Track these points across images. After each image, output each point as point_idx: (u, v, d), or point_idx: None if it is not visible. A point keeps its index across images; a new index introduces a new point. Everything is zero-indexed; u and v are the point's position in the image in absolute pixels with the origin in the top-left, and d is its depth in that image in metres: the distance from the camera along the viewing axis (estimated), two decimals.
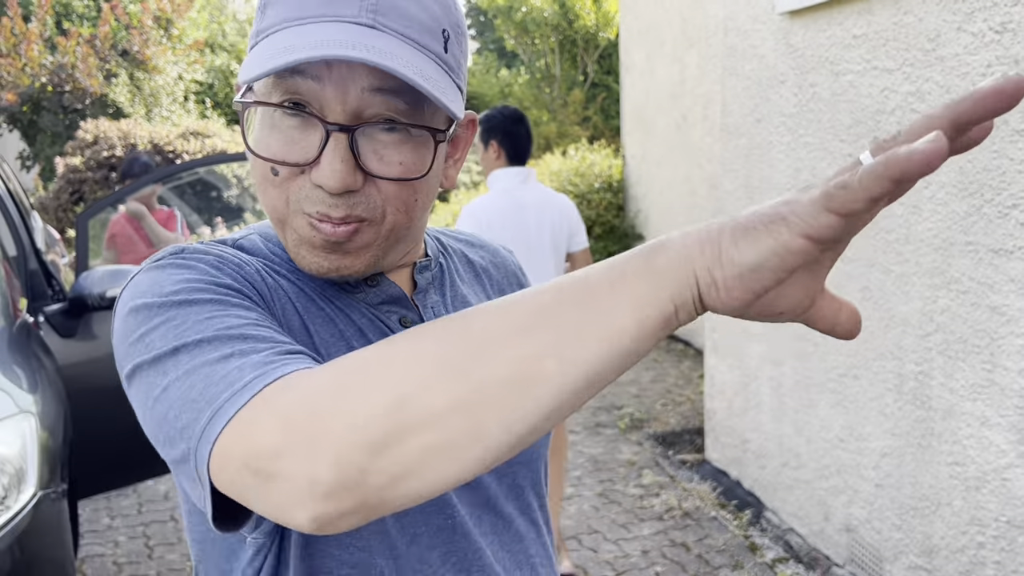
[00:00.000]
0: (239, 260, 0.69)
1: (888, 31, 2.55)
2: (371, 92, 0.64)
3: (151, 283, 0.64)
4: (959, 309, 2.35)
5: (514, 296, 0.51)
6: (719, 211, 3.72)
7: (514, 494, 0.82)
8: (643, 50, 6.86)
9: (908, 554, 2.63)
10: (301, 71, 0.64)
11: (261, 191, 0.69)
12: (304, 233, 0.68)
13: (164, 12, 10.19)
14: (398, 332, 0.73)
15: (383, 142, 0.66)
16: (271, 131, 0.66)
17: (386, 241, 0.70)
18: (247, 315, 0.61)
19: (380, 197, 0.67)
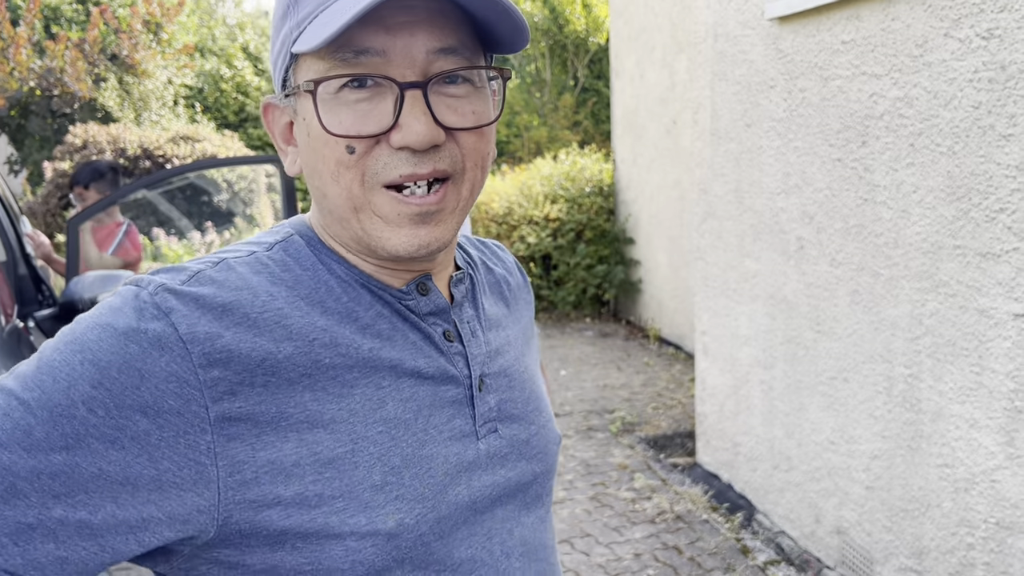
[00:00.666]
0: (215, 318, 0.64)
1: (876, 37, 2.57)
2: (434, 53, 0.66)
3: (87, 323, 0.63)
4: (947, 312, 2.37)
5: None
6: (709, 215, 3.73)
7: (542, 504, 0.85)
8: (633, 55, 6.89)
9: (898, 556, 2.65)
10: (364, 49, 0.65)
11: (333, 181, 0.68)
12: (388, 211, 0.68)
13: (153, 16, 10.16)
14: (443, 346, 0.75)
15: (453, 95, 0.68)
16: (338, 110, 0.66)
17: (464, 207, 0.71)
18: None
19: (460, 151, 0.69)
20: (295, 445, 0.65)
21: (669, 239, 6.32)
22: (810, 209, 2.98)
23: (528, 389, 0.85)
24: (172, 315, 0.63)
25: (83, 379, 0.60)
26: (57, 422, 0.59)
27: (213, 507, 0.63)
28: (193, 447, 0.62)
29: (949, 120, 2.31)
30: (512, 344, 0.86)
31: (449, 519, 0.72)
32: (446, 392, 0.75)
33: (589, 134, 12.31)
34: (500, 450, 0.78)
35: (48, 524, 0.59)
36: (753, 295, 3.40)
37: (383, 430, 0.69)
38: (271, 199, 7.58)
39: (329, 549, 0.65)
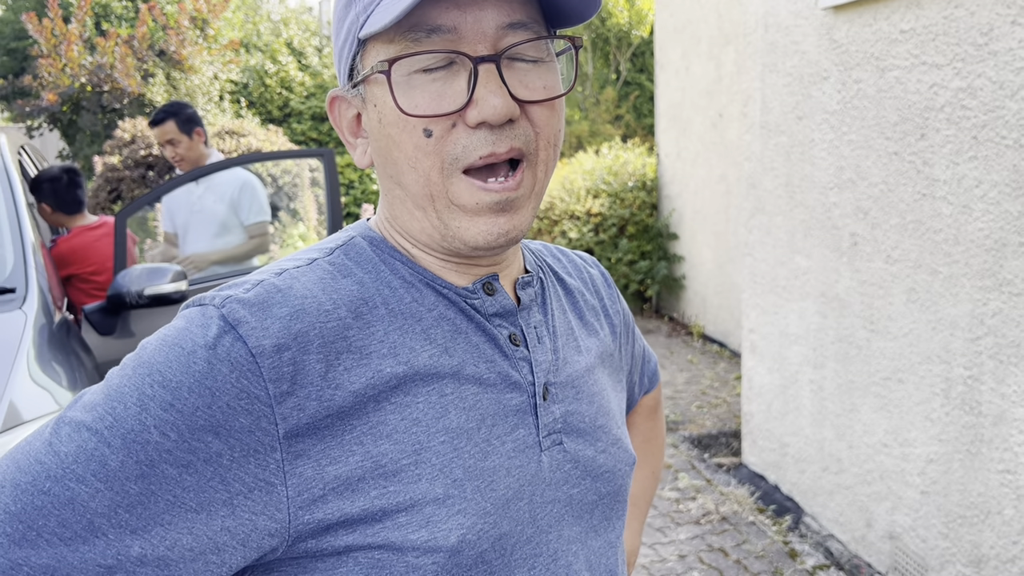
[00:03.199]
0: (282, 330, 0.63)
1: (937, 25, 2.48)
2: (505, 28, 0.66)
3: (147, 360, 0.61)
4: (1012, 312, 2.28)
5: None
6: (758, 210, 3.65)
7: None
8: (678, 47, 6.79)
9: (955, 563, 2.56)
10: (436, 27, 0.64)
11: (410, 167, 0.67)
12: (467, 200, 0.66)
13: (200, 12, 10.29)
14: (508, 350, 0.72)
15: (523, 69, 0.67)
16: (412, 92, 0.65)
17: (540, 191, 0.70)
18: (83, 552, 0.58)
19: (532, 129, 0.67)
20: (360, 459, 0.63)
21: (714, 235, 6.22)
22: (864, 204, 2.89)
23: (597, 404, 0.81)
24: (240, 327, 0.61)
25: (154, 402, 0.59)
26: (131, 449, 0.58)
27: (283, 529, 0.62)
28: (263, 467, 0.61)
29: (1015, 112, 2.22)
30: (583, 357, 0.82)
31: (511, 536, 0.69)
32: (509, 400, 0.72)
33: (631, 128, 12.20)
34: (564, 465, 0.75)
35: (127, 565, 0.58)
36: (803, 293, 3.32)
37: (445, 440, 0.67)
38: (315, 193, 7.63)
39: (390, 565, 0.63)
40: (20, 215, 2.57)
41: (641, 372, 1.04)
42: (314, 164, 7.04)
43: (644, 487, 1.12)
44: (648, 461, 1.12)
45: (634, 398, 1.04)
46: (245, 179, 3.53)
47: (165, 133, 3.51)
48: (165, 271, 2.63)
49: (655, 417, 1.12)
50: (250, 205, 3.53)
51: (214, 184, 3.48)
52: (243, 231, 3.53)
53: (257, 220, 3.54)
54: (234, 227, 3.51)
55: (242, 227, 3.52)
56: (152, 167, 7.52)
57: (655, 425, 1.13)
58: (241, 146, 7.71)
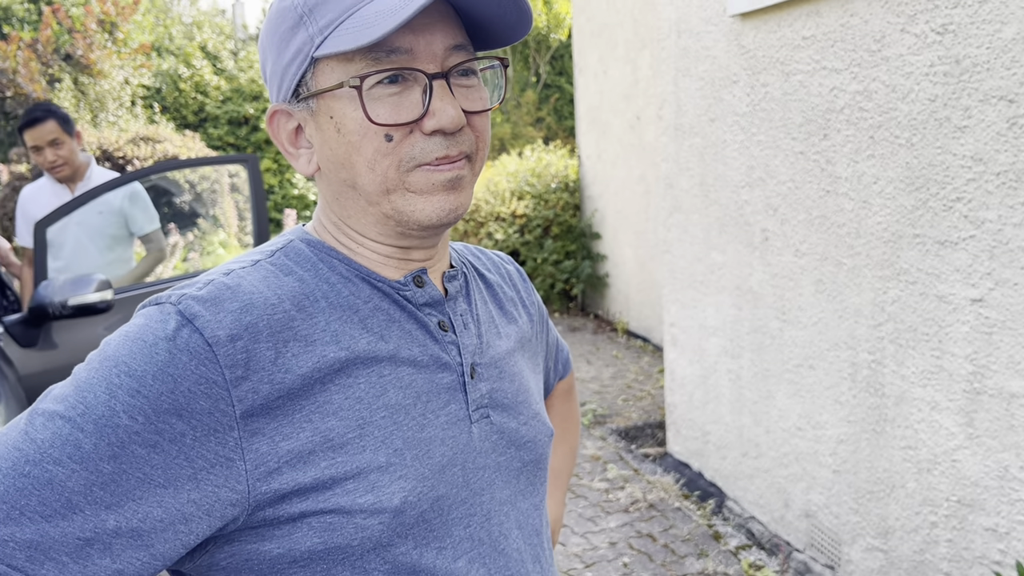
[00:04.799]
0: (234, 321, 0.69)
1: (836, 32, 2.65)
2: (450, 49, 0.76)
3: (112, 355, 0.67)
4: (908, 299, 2.45)
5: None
6: (675, 209, 3.80)
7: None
8: (596, 51, 6.95)
9: (865, 536, 2.73)
10: (394, 48, 0.73)
11: (368, 169, 0.75)
12: (423, 184, 0.75)
13: (108, 15, 9.99)
14: (437, 335, 0.81)
15: (466, 85, 0.78)
16: (374, 104, 0.73)
17: (475, 180, 0.79)
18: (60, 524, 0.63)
19: (473, 134, 0.77)
20: (310, 434, 0.70)
21: (635, 233, 6.39)
22: (774, 201, 3.05)
23: (518, 383, 0.90)
24: (196, 321, 0.68)
25: (121, 389, 0.65)
26: (103, 433, 0.64)
27: (243, 499, 0.68)
28: (223, 444, 0.67)
29: (907, 113, 2.39)
30: (504, 341, 0.91)
31: (448, 498, 0.77)
32: (441, 379, 0.80)
33: (552, 130, 12.37)
34: (491, 435, 0.84)
35: (103, 537, 0.63)
36: (720, 286, 3.47)
37: (386, 415, 0.75)
38: (235, 200, 7.52)
39: (341, 527, 0.71)
40: None
41: (555, 360, 1.15)
42: (234, 170, 6.94)
43: (564, 462, 1.24)
44: (566, 439, 1.24)
45: (550, 383, 1.16)
46: (131, 187, 3.36)
47: (47, 133, 3.18)
48: (89, 281, 2.59)
49: (570, 400, 1.25)
50: (143, 214, 3.38)
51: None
52: (132, 242, 3.38)
53: (152, 229, 3.41)
54: (124, 239, 3.36)
55: (132, 239, 3.37)
56: None
57: (570, 407, 1.25)
58: (157, 152, 7.53)
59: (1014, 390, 2.13)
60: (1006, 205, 2.10)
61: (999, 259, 2.13)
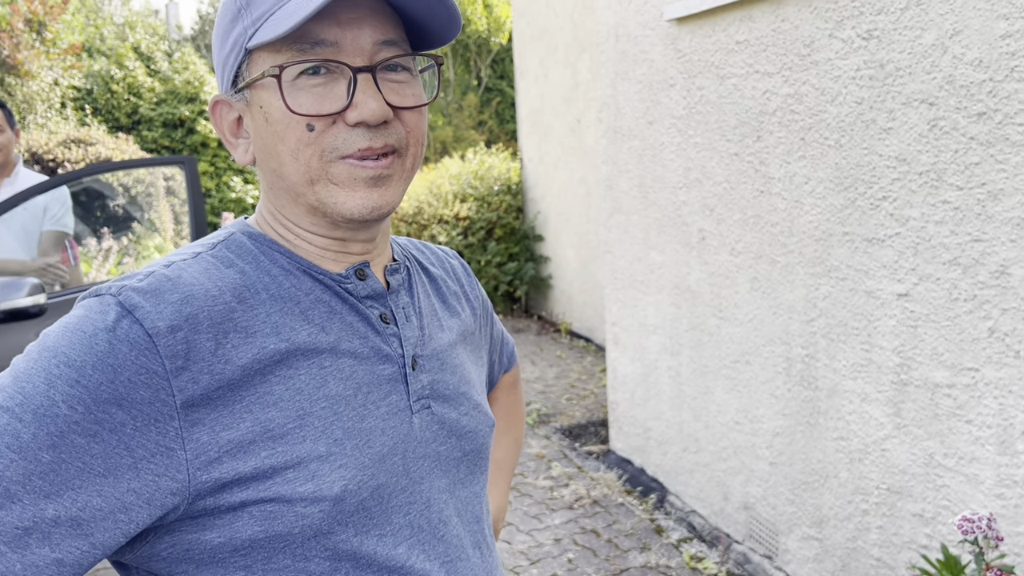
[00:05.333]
0: (174, 311, 0.70)
1: (768, 37, 2.73)
2: (379, 44, 0.76)
3: (51, 344, 0.67)
4: (839, 295, 2.54)
5: None
6: (615, 210, 3.86)
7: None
8: (536, 55, 7.01)
9: (801, 526, 2.82)
10: (319, 40, 0.73)
11: (292, 158, 0.75)
12: (345, 178, 0.76)
13: (36, 15, 9.71)
14: (379, 327, 0.82)
15: (396, 81, 0.78)
16: (297, 94, 0.74)
17: (407, 177, 0.80)
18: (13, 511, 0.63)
19: (404, 128, 0.77)
20: (250, 425, 0.71)
21: (577, 235, 6.46)
22: (710, 202, 3.13)
23: (459, 375, 0.92)
24: (136, 312, 0.68)
25: (61, 379, 0.65)
26: (42, 422, 0.63)
27: (183, 488, 0.69)
28: (163, 434, 0.67)
29: (835, 115, 2.48)
30: (446, 334, 0.93)
31: (387, 486, 0.79)
32: (383, 370, 0.81)
33: (494, 133, 12.41)
34: (432, 425, 0.85)
35: (42, 527, 0.63)
36: (659, 285, 3.54)
37: (326, 405, 0.76)
38: (170, 203, 7.36)
39: (281, 515, 0.72)
40: None
41: (500, 353, 1.18)
42: (169, 172, 6.80)
43: (508, 453, 1.26)
44: (511, 431, 1.27)
45: (495, 376, 1.18)
46: (60, 188, 3.29)
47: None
48: (21, 284, 2.52)
49: (515, 392, 1.27)
50: (57, 211, 3.31)
51: (19, 188, 3.21)
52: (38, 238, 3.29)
53: (55, 228, 3.31)
54: (34, 234, 3.30)
55: (39, 234, 3.29)
56: None
57: (515, 399, 1.28)
58: (89, 155, 7.34)
59: (937, 380, 2.22)
60: (928, 203, 2.19)
61: (923, 255, 2.23)
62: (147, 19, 14.11)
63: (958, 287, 2.13)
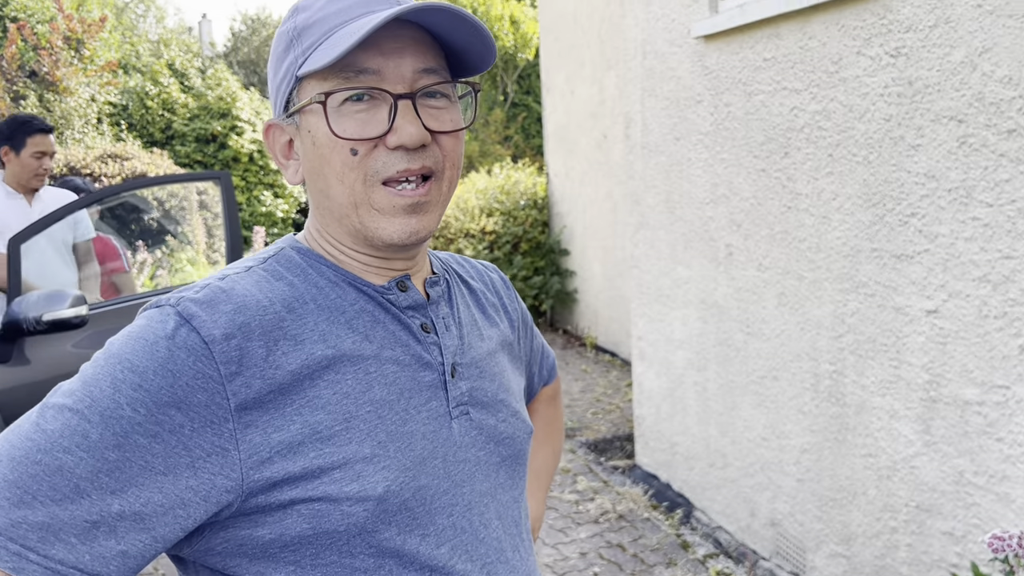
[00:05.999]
0: (228, 320, 0.74)
1: (795, 54, 2.75)
2: (420, 72, 0.81)
3: (116, 351, 0.73)
4: (867, 311, 2.54)
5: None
6: (642, 225, 3.88)
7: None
8: (563, 71, 7.06)
9: (828, 543, 2.81)
10: (363, 68, 0.78)
11: (338, 181, 0.80)
12: (385, 204, 0.80)
13: (74, 33, 9.94)
14: (420, 336, 0.86)
15: (435, 107, 0.82)
16: (342, 120, 0.79)
17: (445, 200, 0.84)
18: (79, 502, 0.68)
19: (441, 153, 0.82)
20: (299, 427, 0.76)
21: (603, 249, 6.48)
22: (737, 217, 3.14)
23: (498, 383, 0.95)
24: (193, 321, 0.73)
25: (125, 384, 0.70)
26: (108, 423, 0.69)
27: (237, 486, 0.73)
28: (219, 435, 0.72)
29: (863, 132, 2.49)
30: (485, 343, 0.96)
31: (429, 488, 0.82)
32: (423, 377, 0.85)
33: (520, 148, 12.48)
34: (470, 431, 0.89)
35: (109, 521, 0.68)
36: (686, 300, 3.55)
37: (371, 409, 0.80)
38: (203, 217, 7.49)
39: (328, 514, 0.76)
40: None
41: (540, 365, 1.21)
42: (203, 187, 6.92)
43: (546, 463, 1.29)
44: (549, 441, 1.29)
45: (534, 387, 1.21)
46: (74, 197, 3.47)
47: (51, 144, 3.38)
48: (64, 296, 2.59)
49: (555, 404, 1.30)
50: (85, 221, 3.47)
51: (48, 205, 3.38)
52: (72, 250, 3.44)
53: (88, 237, 3.48)
54: (68, 244, 3.43)
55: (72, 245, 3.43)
56: None
57: (555, 411, 1.30)
58: (125, 170, 7.49)
59: (967, 398, 2.21)
60: (957, 220, 2.19)
61: (952, 272, 2.23)
62: (181, 36, 14.39)
63: (988, 304, 2.13)
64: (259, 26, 22.37)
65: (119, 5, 18.96)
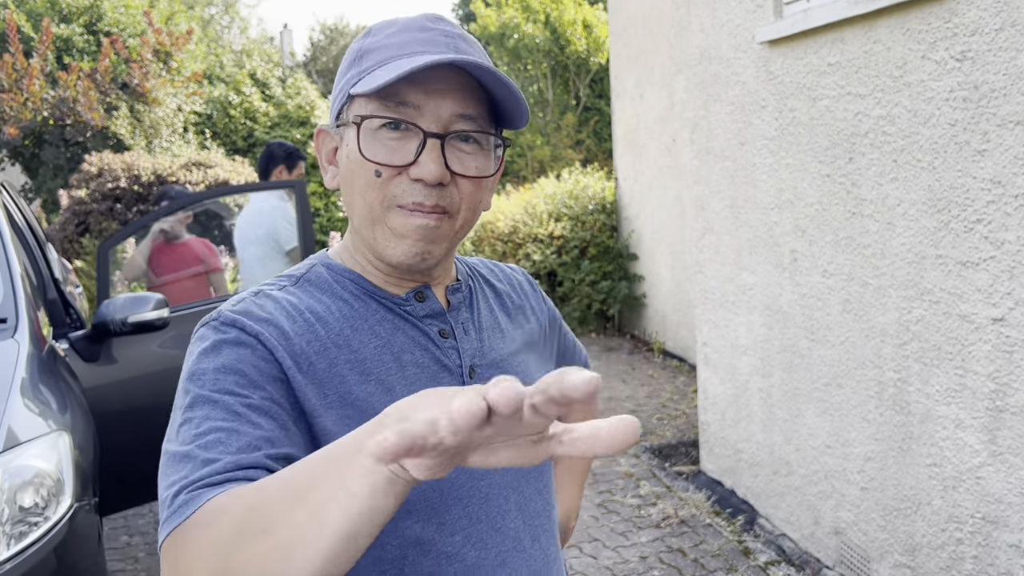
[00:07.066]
0: (265, 323, 0.84)
1: (859, 59, 2.72)
2: (456, 117, 0.86)
3: (189, 355, 0.84)
4: (932, 318, 2.50)
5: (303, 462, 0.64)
6: (707, 230, 3.87)
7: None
8: (633, 76, 7.06)
9: (893, 553, 2.77)
10: (405, 101, 0.84)
11: (360, 196, 0.88)
12: (398, 225, 0.87)
13: (163, 45, 10.39)
14: (438, 341, 0.93)
15: (464, 151, 0.88)
16: (375, 143, 0.86)
17: (456, 237, 0.90)
18: (220, 422, 0.76)
19: (459, 195, 0.88)
20: (333, 420, 0.84)
21: (671, 254, 6.46)
22: (802, 223, 3.12)
23: (521, 381, 0.99)
24: (237, 323, 0.84)
25: (214, 370, 0.81)
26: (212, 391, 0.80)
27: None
28: (288, 388, 0.83)
29: (928, 137, 2.45)
30: (508, 344, 1.02)
31: (446, 481, 0.88)
32: (442, 379, 0.92)
33: (592, 152, 12.49)
34: None
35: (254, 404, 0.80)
36: (751, 306, 3.54)
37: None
38: None
39: None
40: (6, 247, 2.69)
41: (572, 361, 1.25)
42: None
43: (580, 460, 1.31)
44: None
45: None
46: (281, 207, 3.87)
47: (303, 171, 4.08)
48: (147, 300, 2.76)
49: None
50: (289, 231, 3.83)
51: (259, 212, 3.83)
52: (286, 257, 3.82)
53: (291, 247, 3.84)
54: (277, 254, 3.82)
55: (284, 253, 3.81)
56: (119, 199, 7.59)
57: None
58: (208, 177, 7.81)
59: None
60: None
61: (1019, 279, 2.18)
62: (263, 46, 14.88)
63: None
64: (337, 36, 22.91)
65: (205, 18, 19.71)
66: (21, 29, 10.71)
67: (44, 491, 1.97)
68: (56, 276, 3.22)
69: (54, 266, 3.39)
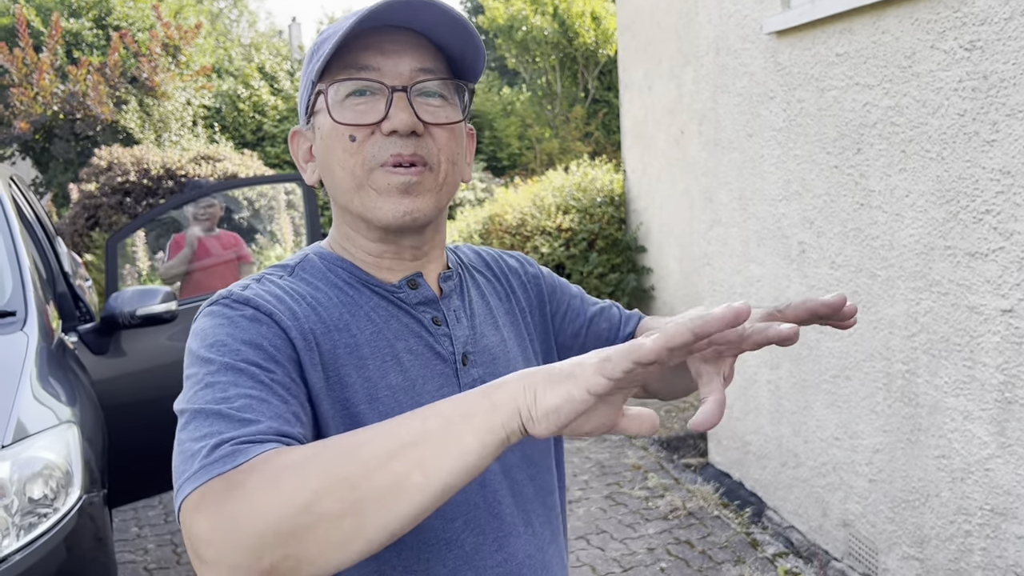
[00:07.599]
0: (276, 302, 0.85)
1: (868, 49, 2.71)
2: (417, 71, 0.89)
3: (202, 330, 0.83)
4: (940, 310, 2.49)
5: (397, 420, 0.66)
6: (715, 222, 3.86)
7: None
8: (641, 68, 7.04)
9: (901, 545, 2.76)
10: (364, 66, 0.87)
11: (340, 167, 0.89)
12: (381, 184, 0.88)
13: (172, 39, 10.42)
14: (431, 329, 0.94)
15: (431, 103, 0.90)
16: (344, 111, 0.88)
17: (441, 193, 0.91)
18: (249, 390, 0.76)
19: (435, 146, 0.89)
20: (331, 404, 0.86)
21: (680, 246, 6.44)
22: (810, 214, 3.10)
23: (512, 367, 1.00)
24: (251, 303, 0.85)
25: (231, 341, 0.81)
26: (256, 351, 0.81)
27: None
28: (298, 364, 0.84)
29: (937, 127, 2.44)
30: (501, 330, 1.02)
31: None
32: (435, 366, 0.93)
33: (600, 144, 12.46)
34: None
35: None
36: (759, 298, 3.53)
37: (389, 394, 0.89)
38: (290, 215, 7.77)
39: None
40: (16, 241, 2.70)
41: (609, 318, 1.12)
42: (289, 187, 7.17)
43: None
44: None
45: (619, 330, 1.12)
46: None
47: None
48: (156, 292, 2.77)
49: None
50: None
51: None
52: None
53: None
54: None
55: None
56: (129, 193, 7.62)
57: None
58: (217, 171, 7.83)
59: None
60: None
61: None
62: (272, 40, 14.89)
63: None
64: None
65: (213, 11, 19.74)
66: (31, 24, 10.76)
67: (53, 483, 1.99)
68: (65, 269, 3.24)
69: (63, 259, 3.41)
